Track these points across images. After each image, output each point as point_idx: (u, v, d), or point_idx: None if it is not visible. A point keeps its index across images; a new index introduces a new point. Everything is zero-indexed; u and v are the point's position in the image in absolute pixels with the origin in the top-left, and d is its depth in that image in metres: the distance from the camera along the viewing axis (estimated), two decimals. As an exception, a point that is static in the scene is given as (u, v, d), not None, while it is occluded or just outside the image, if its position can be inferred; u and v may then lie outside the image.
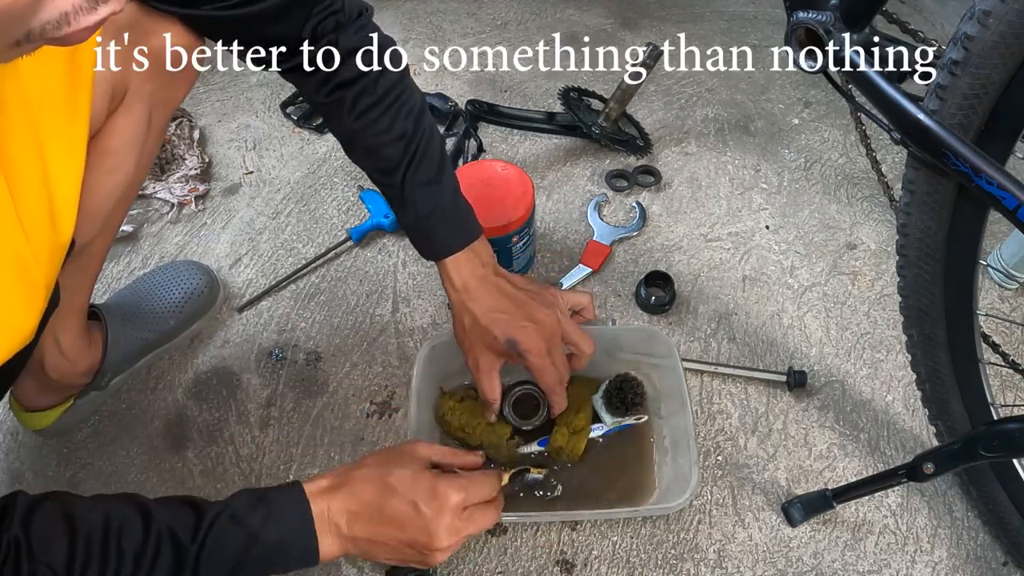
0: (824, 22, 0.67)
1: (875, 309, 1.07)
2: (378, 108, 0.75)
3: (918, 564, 0.85)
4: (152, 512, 0.59)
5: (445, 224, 0.79)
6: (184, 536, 0.58)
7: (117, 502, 0.59)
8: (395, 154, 0.76)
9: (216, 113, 1.35)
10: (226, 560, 0.60)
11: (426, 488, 0.68)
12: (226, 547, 0.60)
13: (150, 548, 0.57)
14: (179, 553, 0.58)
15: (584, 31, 1.52)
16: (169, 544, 0.58)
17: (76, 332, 0.87)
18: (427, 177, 0.77)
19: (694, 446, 0.81)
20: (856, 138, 1.27)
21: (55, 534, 0.54)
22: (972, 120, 0.59)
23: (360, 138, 0.77)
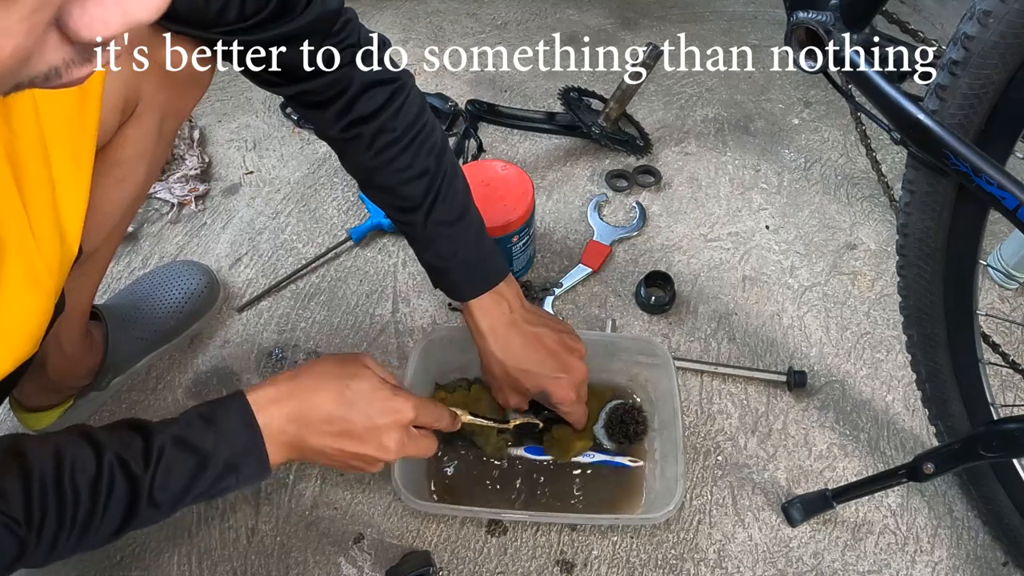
0: (824, 22, 0.67)
1: (875, 309, 1.07)
2: (398, 145, 0.72)
3: (918, 564, 0.85)
4: (101, 442, 0.57)
5: (468, 267, 0.77)
6: (135, 464, 0.58)
7: (66, 436, 0.58)
8: (416, 192, 0.73)
9: (216, 113, 1.35)
10: (179, 482, 0.60)
11: (383, 400, 0.67)
12: (177, 470, 0.59)
13: (104, 480, 0.56)
14: (132, 482, 0.58)
15: (584, 31, 1.52)
16: (122, 474, 0.57)
17: (78, 334, 0.87)
18: (450, 217, 0.75)
19: (682, 459, 0.81)
20: (856, 138, 1.27)
21: (9, 478, 0.53)
22: (972, 120, 0.59)
23: (378, 176, 0.74)
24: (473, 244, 0.77)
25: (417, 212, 0.74)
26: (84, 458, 0.57)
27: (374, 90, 0.71)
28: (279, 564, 0.84)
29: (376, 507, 0.88)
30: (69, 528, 0.55)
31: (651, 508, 0.83)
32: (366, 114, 0.71)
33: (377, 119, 0.71)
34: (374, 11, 1.57)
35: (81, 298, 0.83)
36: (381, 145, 0.72)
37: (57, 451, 0.56)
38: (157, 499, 0.59)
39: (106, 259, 0.83)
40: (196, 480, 0.60)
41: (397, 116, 0.72)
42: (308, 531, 0.87)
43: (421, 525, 0.87)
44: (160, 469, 0.59)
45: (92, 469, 0.56)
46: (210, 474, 0.61)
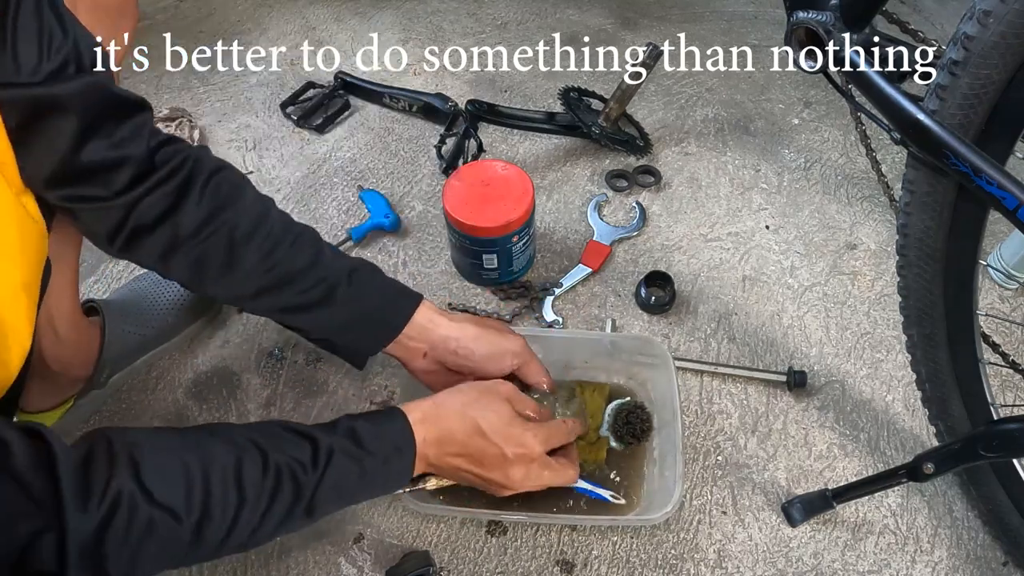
0: (824, 22, 0.67)
1: (875, 309, 1.07)
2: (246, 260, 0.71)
3: (918, 564, 0.85)
4: (266, 447, 0.59)
5: (384, 291, 0.78)
6: (301, 471, 0.59)
7: (225, 434, 0.59)
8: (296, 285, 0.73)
9: (216, 113, 1.35)
10: (340, 492, 0.63)
11: (515, 436, 0.71)
12: (341, 479, 0.62)
13: (270, 483, 0.57)
14: (298, 487, 0.59)
15: (584, 31, 1.52)
16: (289, 479, 0.59)
17: (69, 314, 0.86)
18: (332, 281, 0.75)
19: (680, 460, 0.81)
20: (856, 138, 1.27)
21: (170, 474, 0.53)
22: (972, 120, 0.59)
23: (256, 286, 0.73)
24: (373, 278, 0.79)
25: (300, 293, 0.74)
26: (250, 458, 0.58)
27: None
28: (279, 564, 0.84)
29: (376, 507, 0.88)
30: (230, 526, 0.56)
31: (649, 508, 0.83)
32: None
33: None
34: (374, 11, 1.57)
35: (65, 269, 0.81)
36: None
37: (223, 448, 0.57)
38: (317, 504, 0.61)
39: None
40: (355, 490, 0.64)
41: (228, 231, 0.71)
42: (308, 531, 0.87)
43: (421, 525, 0.87)
44: (326, 478, 0.61)
45: (259, 470, 0.57)
46: (366, 485, 0.65)
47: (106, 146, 0.63)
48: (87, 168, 0.63)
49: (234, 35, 1.52)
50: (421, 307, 0.79)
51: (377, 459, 0.64)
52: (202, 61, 1.46)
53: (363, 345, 0.80)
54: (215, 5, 1.59)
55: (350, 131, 1.33)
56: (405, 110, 1.34)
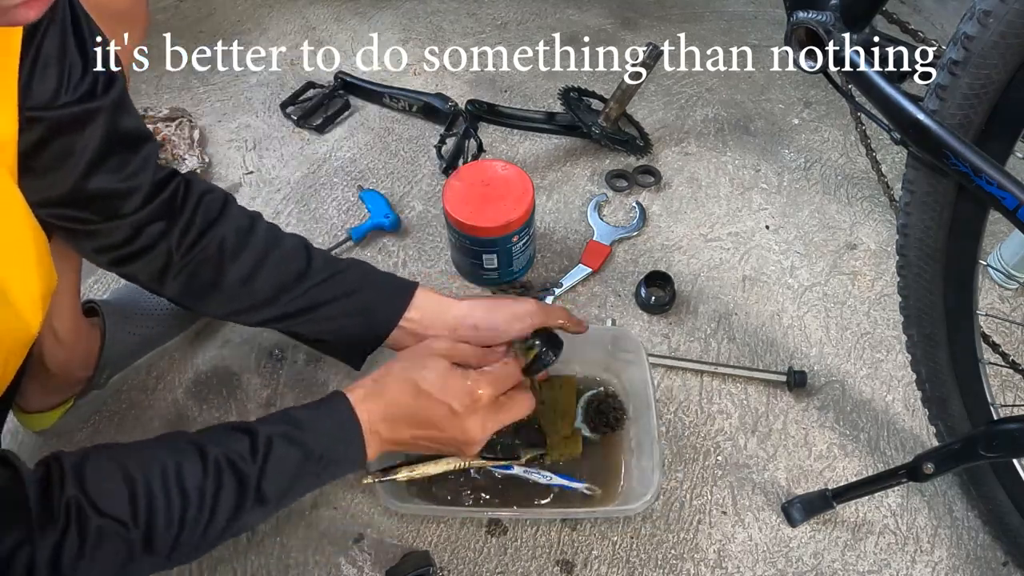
0: (824, 22, 0.67)
1: (875, 309, 1.07)
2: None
3: (918, 564, 0.85)
4: (204, 442, 0.60)
5: (379, 280, 0.79)
6: (242, 462, 0.60)
7: (165, 440, 0.61)
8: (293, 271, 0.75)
9: (216, 113, 1.35)
10: (285, 478, 0.62)
11: (457, 388, 0.69)
12: (284, 466, 0.62)
13: (211, 480, 0.58)
14: (241, 479, 0.59)
15: (584, 31, 1.52)
16: (230, 472, 0.59)
17: (70, 317, 0.86)
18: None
19: (657, 449, 0.81)
20: (856, 138, 1.26)
21: (113, 484, 0.55)
22: (972, 120, 0.59)
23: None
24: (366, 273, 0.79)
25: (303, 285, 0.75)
26: (189, 458, 0.58)
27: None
28: (279, 564, 0.84)
29: (376, 507, 0.88)
30: (178, 528, 0.56)
31: (628, 499, 0.83)
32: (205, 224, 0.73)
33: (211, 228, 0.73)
34: (374, 11, 1.57)
35: (66, 273, 0.81)
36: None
37: (160, 454, 0.58)
38: (265, 493, 0.61)
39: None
40: (302, 473, 0.63)
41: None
42: (308, 531, 0.87)
43: (421, 525, 0.87)
44: (268, 464, 0.61)
45: (199, 468, 0.58)
46: (313, 467, 0.64)
47: (117, 177, 0.66)
48: (93, 196, 0.65)
49: (234, 35, 1.52)
50: (428, 294, 0.78)
51: (319, 439, 0.64)
52: (202, 61, 1.46)
53: (361, 342, 0.79)
54: (215, 5, 1.59)
55: (350, 131, 1.33)
56: (405, 110, 1.34)
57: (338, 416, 0.66)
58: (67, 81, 0.59)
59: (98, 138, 0.63)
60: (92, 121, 0.62)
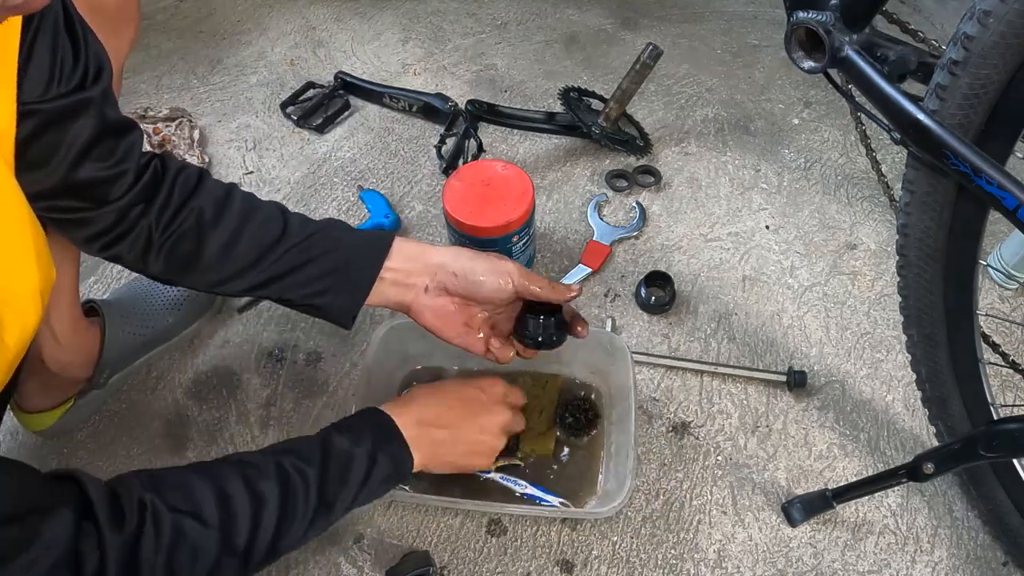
0: (824, 22, 0.67)
1: (875, 309, 1.07)
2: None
3: (918, 564, 0.85)
4: (269, 453, 0.65)
5: (357, 234, 0.79)
6: (311, 468, 0.65)
7: (233, 457, 0.65)
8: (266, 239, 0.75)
9: (216, 113, 1.35)
10: (348, 481, 0.67)
11: (474, 382, 0.82)
12: (351, 473, 0.67)
13: (280, 485, 0.62)
14: (306, 484, 0.64)
15: (584, 31, 1.52)
16: (298, 477, 0.64)
17: (69, 317, 0.86)
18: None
19: (633, 454, 0.81)
20: (856, 138, 1.27)
21: (192, 486, 0.58)
22: (972, 120, 0.59)
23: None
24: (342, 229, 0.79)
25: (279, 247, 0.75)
26: (265, 466, 0.63)
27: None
28: (279, 564, 0.84)
29: (376, 507, 0.88)
30: (252, 528, 0.59)
31: (603, 501, 0.84)
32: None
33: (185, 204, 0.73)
34: (374, 11, 1.57)
35: (64, 272, 0.81)
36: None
37: (224, 466, 0.63)
38: (331, 500, 0.66)
39: None
40: (366, 482, 0.68)
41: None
42: (308, 531, 0.87)
43: (421, 525, 0.87)
44: (329, 468, 0.66)
45: (272, 474, 0.62)
46: (374, 482, 0.69)
47: (105, 166, 0.66)
48: (83, 184, 0.66)
49: (234, 35, 1.52)
50: (407, 242, 0.78)
51: (371, 441, 0.70)
52: (202, 61, 1.46)
53: (346, 298, 0.77)
54: (215, 5, 1.59)
55: (350, 131, 1.33)
56: (405, 110, 1.34)
57: (378, 419, 0.73)
58: (59, 73, 0.59)
59: (88, 128, 0.63)
60: (83, 112, 0.62)
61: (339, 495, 0.66)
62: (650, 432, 0.95)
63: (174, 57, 1.46)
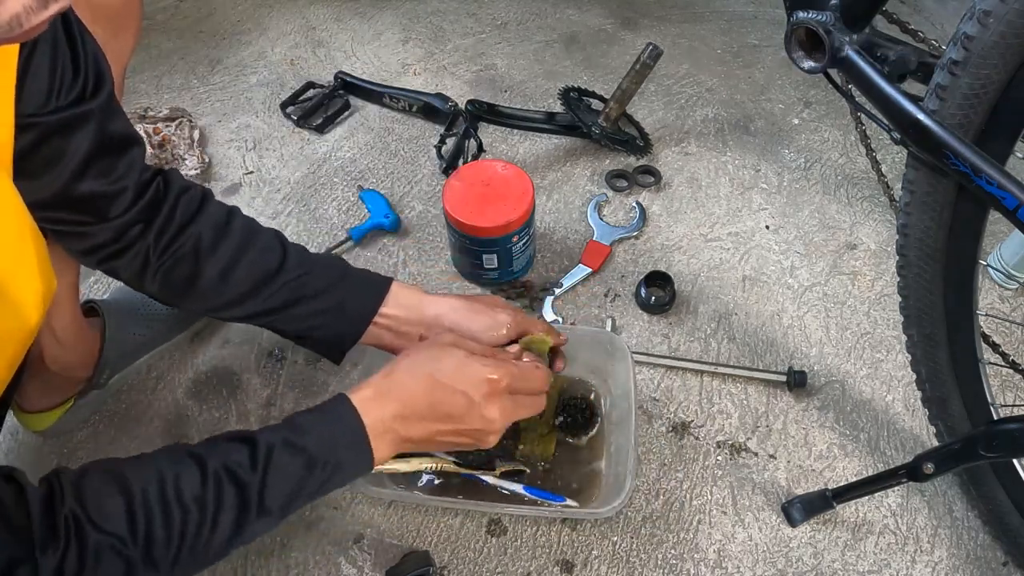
0: (824, 22, 0.67)
1: (875, 309, 1.07)
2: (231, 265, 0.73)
3: (918, 564, 0.85)
4: (203, 454, 0.59)
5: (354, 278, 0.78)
6: (243, 472, 0.59)
7: (163, 453, 0.60)
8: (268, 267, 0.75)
9: (216, 113, 1.35)
10: (288, 486, 0.61)
11: (475, 375, 0.67)
12: (286, 474, 0.61)
13: (210, 491, 0.57)
14: (241, 489, 0.58)
15: (584, 31, 1.52)
16: (229, 482, 0.58)
17: (69, 318, 0.86)
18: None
19: (633, 455, 0.81)
20: (856, 138, 1.26)
21: (109, 499, 0.54)
22: (972, 120, 0.59)
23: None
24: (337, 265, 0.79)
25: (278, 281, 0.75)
26: (188, 470, 0.58)
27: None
28: (279, 564, 0.84)
29: (376, 507, 0.88)
30: (178, 542, 0.56)
31: (604, 503, 0.83)
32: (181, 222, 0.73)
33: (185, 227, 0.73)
34: (374, 11, 1.57)
35: (65, 274, 0.81)
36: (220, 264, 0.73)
37: (158, 467, 0.57)
38: (267, 504, 0.60)
39: None
40: (305, 481, 0.62)
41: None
42: (308, 531, 0.87)
43: (421, 525, 0.87)
44: (269, 473, 0.60)
45: (197, 480, 0.57)
46: (318, 475, 0.62)
47: (105, 181, 0.66)
48: (82, 198, 0.65)
49: (234, 35, 1.52)
50: (403, 290, 0.78)
51: (323, 444, 0.62)
52: (202, 61, 1.46)
53: (339, 337, 0.78)
54: (215, 5, 1.59)
55: (350, 131, 1.33)
56: (405, 110, 1.34)
57: (342, 419, 0.64)
58: (59, 84, 0.59)
59: (87, 142, 0.63)
60: (82, 125, 0.62)
61: (284, 503, 0.61)
62: (650, 432, 0.95)
63: (174, 57, 1.46)
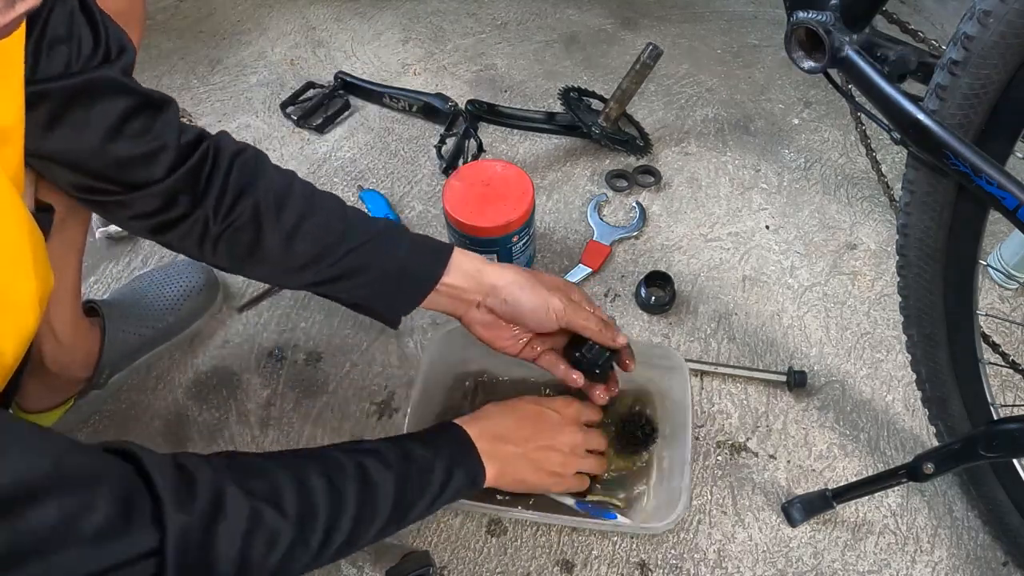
0: (824, 22, 0.67)
1: (875, 309, 1.07)
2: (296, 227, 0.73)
3: (918, 564, 0.85)
4: (349, 450, 0.65)
5: (415, 241, 0.79)
6: (386, 474, 0.64)
7: (324, 449, 0.65)
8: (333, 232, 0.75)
9: (216, 113, 1.35)
10: (426, 501, 0.68)
11: (547, 402, 0.82)
12: (426, 484, 0.68)
13: (371, 487, 0.63)
14: (391, 492, 0.64)
15: (584, 31, 1.52)
16: (384, 483, 0.64)
17: (70, 318, 0.86)
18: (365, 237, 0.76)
19: (688, 471, 0.81)
20: (856, 138, 1.26)
21: (263, 475, 0.57)
22: (972, 120, 0.59)
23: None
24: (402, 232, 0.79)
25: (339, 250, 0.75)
26: (348, 465, 0.63)
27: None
28: (279, 564, 0.84)
29: (376, 507, 0.88)
30: (329, 525, 0.59)
31: (653, 517, 0.83)
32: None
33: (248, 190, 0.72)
34: (374, 11, 1.57)
35: (67, 274, 0.82)
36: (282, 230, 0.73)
37: (322, 456, 0.63)
38: (405, 510, 0.66)
39: (83, 227, 0.81)
40: (440, 493, 0.69)
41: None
42: (308, 531, 0.87)
43: (421, 525, 0.87)
44: (415, 483, 0.66)
45: (357, 477, 0.62)
46: (448, 493, 0.70)
47: (139, 142, 0.64)
48: (120, 161, 0.64)
49: (234, 35, 1.52)
50: (465, 257, 0.78)
51: (448, 454, 0.71)
52: (202, 61, 1.46)
53: (399, 304, 0.79)
54: (215, 5, 1.59)
55: (350, 131, 1.33)
56: (405, 110, 1.34)
57: (454, 435, 0.74)
58: (77, 54, 0.58)
59: (116, 102, 0.62)
60: (108, 86, 0.61)
61: (414, 504, 0.67)
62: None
63: (174, 57, 1.46)
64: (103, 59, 0.60)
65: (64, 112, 0.59)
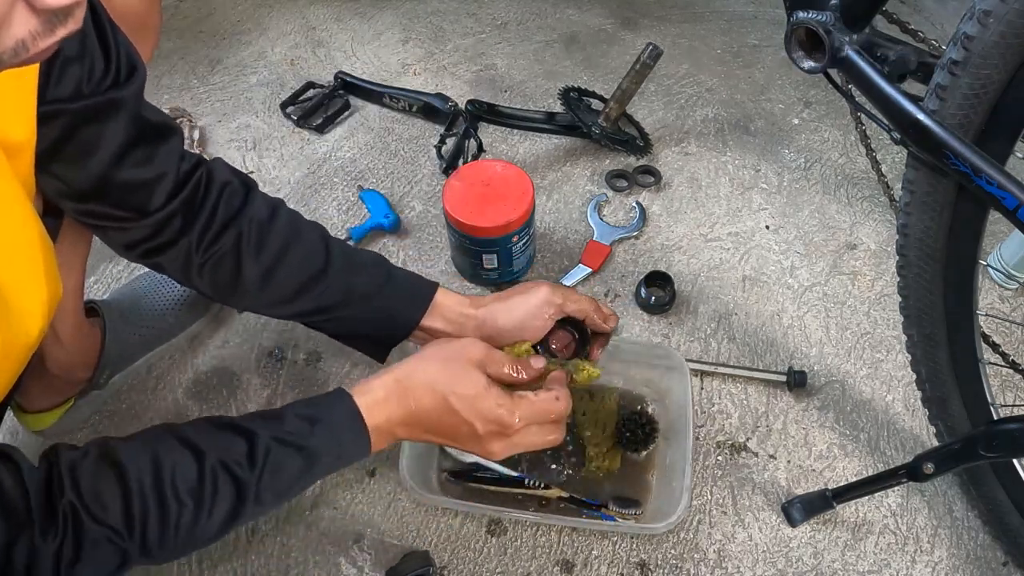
0: (824, 22, 0.67)
1: (875, 309, 1.07)
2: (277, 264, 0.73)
3: (918, 564, 0.85)
4: (201, 447, 0.58)
5: (403, 280, 0.78)
6: (241, 470, 0.59)
7: (160, 441, 0.59)
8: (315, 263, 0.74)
9: (216, 113, 1.35)
10: (286, 481, 0.62)
11: (487, 412, 0.66)
12: (284, 471, 0.61)
13: (207, 487, 0.57)
14: (238, 485, 0.59)
15: (584, 31, 1.52)
16: (227, 479, 0.58)
17: (72, 320, 0.86)
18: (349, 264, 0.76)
19: (689, 471, 0.80)
20: (856, 138, 1.26)
21: (107, 490, 0.54)
22: (972, 120, 0.59)
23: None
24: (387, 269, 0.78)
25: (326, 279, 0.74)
26: (185, 464, 0.57)
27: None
28: (279, 564, 0.84)
29: (376, 507, 0.88)
30: (173, 533, 0.56)
31: (654, 517, 0.83)
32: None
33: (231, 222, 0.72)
34: (374, 11, 1.57)
35: (71, 276, 0.82)
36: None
37: (155, 457, 0.57)
38: (263, 498, 0.61)
39: (87, 232, 0.81)
40: (303, 478, 0.63)
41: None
42: (308, 531, 0.87)
43: (421, 525, 0.87)
44: (267, 471, 0.60)
45: (194, 474, 0.57)
46: (316, 472, 0.64)
47: (143, 169, 0.65)
48: (123, 187, 0.65)
49: (234, 35, 1.52)
50: (448, 297, 0.78)
51: (325, 445, 0.63)
52: (202, 61, 1.46)
53: (380, 344, 0.80)
54: (215, 5, 1.59)
55: (350, 131, 1.33)
56: (405, 110, 1.34)
57: (347, 424, 0.64)
58: (90, 75, 0.59)
59: (123, 128, 0.62)
60: (116, 111, 0.61)
61: (275, 497, 0.62)
62: (650, 432, 0.95)
63: (174, 57, 1.46)
64: (113, 82, 0.61)
65: (72, 134, 0.60)
